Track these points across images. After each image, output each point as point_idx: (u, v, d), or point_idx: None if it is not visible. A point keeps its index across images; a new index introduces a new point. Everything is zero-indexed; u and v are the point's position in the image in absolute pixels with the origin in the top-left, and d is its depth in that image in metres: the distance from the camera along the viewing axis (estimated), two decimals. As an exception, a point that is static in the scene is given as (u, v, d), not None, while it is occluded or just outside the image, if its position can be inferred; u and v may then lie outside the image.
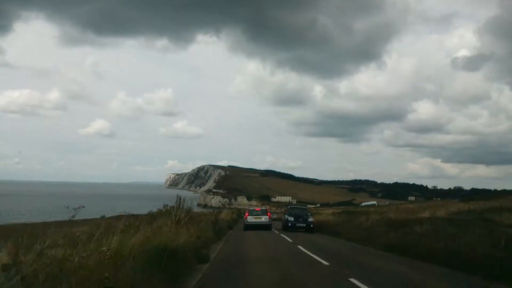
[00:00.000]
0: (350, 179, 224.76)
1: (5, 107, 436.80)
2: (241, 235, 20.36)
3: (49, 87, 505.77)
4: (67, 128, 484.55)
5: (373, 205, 64.93)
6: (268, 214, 25.74)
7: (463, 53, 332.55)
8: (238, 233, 22.37)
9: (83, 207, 5.64)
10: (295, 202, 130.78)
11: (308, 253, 12.17)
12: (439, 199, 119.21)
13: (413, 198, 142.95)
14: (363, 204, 72.92)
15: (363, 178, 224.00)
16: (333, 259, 10.55)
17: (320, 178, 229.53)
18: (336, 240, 18.12)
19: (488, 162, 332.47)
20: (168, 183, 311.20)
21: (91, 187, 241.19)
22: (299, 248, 13.51)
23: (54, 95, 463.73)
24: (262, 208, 29.51)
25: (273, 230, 23.84)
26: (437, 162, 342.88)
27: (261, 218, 24.59)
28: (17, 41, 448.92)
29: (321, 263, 10.07)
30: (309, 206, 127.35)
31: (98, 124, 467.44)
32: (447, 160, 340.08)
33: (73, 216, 5.38)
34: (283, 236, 19.34)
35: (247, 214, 25.56)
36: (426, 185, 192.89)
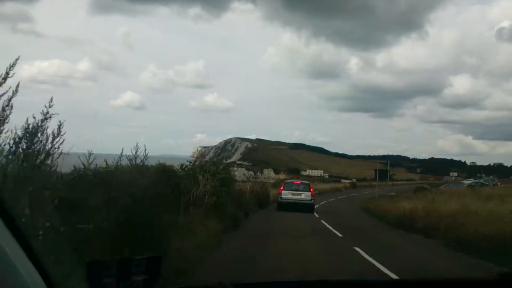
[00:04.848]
0: (380, 154, 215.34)
1: (35, 78, 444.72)
2: None
3: (79, 57, 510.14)
4: (97, 99, 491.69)
5: None
6: (311, 189, 20.58)
7: (510, 23, 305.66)
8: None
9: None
10: (327, 176, 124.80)
11: None
12: (483, 175, 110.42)
13: (455, 174, 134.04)
14: None
15: (394, 154, 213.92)
16: None
17: (349, 154, 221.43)
18: None
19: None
20: (195, 156, 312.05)
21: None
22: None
23: (84, 65, 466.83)
24: (302, 181, 22.75)
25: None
26: (469, 139, 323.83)
27: (301, 194, 19.79)
28: (46, 8, 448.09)
29: None
30: (343, 181, 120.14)
31: (128, 96, 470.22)
32: (479, 137, 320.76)
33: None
34: None
35: (281, 188, 20.47)
36: (465, 161, 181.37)
